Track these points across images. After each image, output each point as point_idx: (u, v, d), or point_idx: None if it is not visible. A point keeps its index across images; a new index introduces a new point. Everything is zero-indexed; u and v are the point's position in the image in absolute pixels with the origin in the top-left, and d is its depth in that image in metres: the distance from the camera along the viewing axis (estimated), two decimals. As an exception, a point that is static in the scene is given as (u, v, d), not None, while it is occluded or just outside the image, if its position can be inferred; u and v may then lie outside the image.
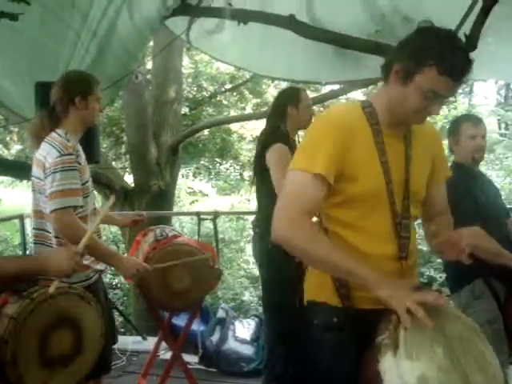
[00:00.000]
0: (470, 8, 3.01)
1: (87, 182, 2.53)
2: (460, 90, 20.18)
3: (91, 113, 2.57)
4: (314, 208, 1.62)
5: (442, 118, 14.86)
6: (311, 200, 1.59)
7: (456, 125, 3.14)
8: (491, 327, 2.61)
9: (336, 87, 5.32)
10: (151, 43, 6.71)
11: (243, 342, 4.16)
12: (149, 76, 7.86)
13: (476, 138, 3.02)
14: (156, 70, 7.37)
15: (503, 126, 18.00)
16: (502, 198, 3.36)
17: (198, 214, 4.56)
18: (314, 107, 3.68)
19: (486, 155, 3.20)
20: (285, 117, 3.26)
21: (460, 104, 15.61)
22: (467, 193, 2.87)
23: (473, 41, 2.81)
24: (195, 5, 3.79)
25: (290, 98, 3.30)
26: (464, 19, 3.02)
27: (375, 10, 3.51)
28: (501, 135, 16.55)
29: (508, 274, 2.69)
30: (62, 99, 2.51)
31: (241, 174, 14.50)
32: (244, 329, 4.29)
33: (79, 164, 2.45)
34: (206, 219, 4.67)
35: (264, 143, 3.23)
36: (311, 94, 5.87)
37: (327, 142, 1.60)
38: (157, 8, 3.59)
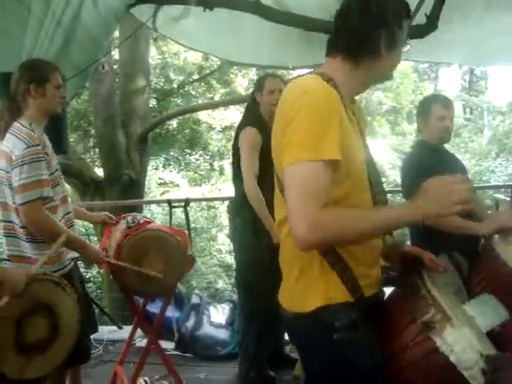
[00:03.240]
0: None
1: (56, 171, 2.51)
2: (426, 76, 20.49)
3: (50, 100, 2.51)
4: (328, 196, 1.42)
5: (408, 103, 15.13)
6: (324, 190, 1.40)
7: (426, 105, 3.17)
8: (446, 283, 2.70)
9: (304, 72, 5.35)
10: (118, 33, 6.65)
11: (218, 326, 4.19)
12: (116, 66, 7.80)
13: (445, 120, 3.08)
14: (123, 60, 7.32)
15: (468, 110, 18.36)
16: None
17: (169, 201, 4.56)
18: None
19: (451, 139, 3.26)
20: (257, 102, 3.44)
21: (426, 90, 15.85)
22: (433, 169, 2.94)
23: (433, 21, 2.86)
24: (160, -9, 3.77)
25: (256, 85, 3.52)
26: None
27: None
28: (466, 120, 16.89)
29: (470, 247, 2.80)
30: (19, 89, 2.48)
31: (211, 164, 14.49)
32: (219, 313, 4.32)
33: (46, 154, 2.43)
34: (178, 207, 4.67)
35: (238, 127, 3.44)
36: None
37: (331, 121, 1.43)
38: (121, -5, 3.57)
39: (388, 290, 1.71)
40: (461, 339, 1.35)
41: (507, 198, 5.31)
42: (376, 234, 1.56)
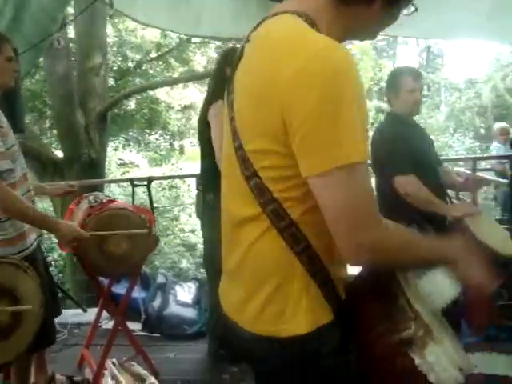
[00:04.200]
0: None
1: (13, 146, 2.40)
2: (384, 54, 20.65)
3: (2, 73, 2.40)
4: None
5: (368, 80, 15.23)
6: (374, 196, 1.18)
7: (396, 78, 3.17)
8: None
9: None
10: (73, 10, 6.43)
11: (185, 305, 4.16)
12: (72, 45, 7.58)
13: (415, 92, 3.10)
14: (79, 36, 7.11)
15: (425, 87, 18.61)
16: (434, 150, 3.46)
17: (131, 180, 4.48)
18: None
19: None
20: (225, 77, 3.27)
21: (385, 67, 16.00)
22: (404, 141, 2.96)
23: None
24: (117, -37, 3.63)
25: (225, 58, 3.34)
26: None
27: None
28: (423, 96, 17.13)
29: (439, 217, 2.83)
30: None
31: (171, 144, 14.40)
32: (185, 292, 4.29)
33: (1, 127, 2.33)
34: (140, 185, 4.60)
35: (206, 102, 3.33)
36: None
37: (363, 109, 1.11)
38: (76, -34, 3.43)
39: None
40: (442, 356, 1.26)
41: (467, 171, 5.41)
42: (421, 264, 1.31)
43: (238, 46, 3.89)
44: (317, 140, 1.06)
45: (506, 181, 5.30)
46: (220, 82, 3.33)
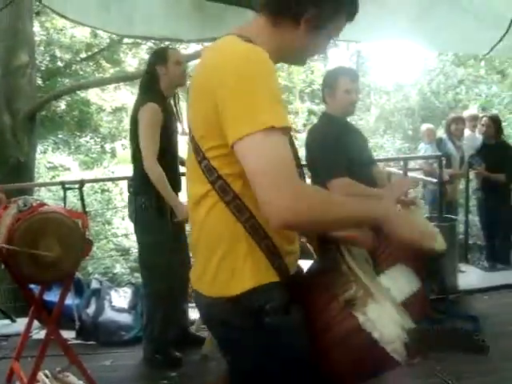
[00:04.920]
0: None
1: None
2: (316, 57, 21.04)
3: None
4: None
5: (300, 82, 15.46)
6: (292, 159, 1.27)
7: (333, 78, 3.18)
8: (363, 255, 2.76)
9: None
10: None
11: (121, 310, 4.05)
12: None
13: (352, 93, 3.13)
14: (3, 32, 6.79)
15: (356, 90, 19.09)
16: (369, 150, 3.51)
17: (62, 183, 4.33)
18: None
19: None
20: (156, 77, 3.27)
21: (315, 69, 16.27)
22: (338, 142, 2.98)
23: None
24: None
25: (157, 58, 3.32)
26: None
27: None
28: (354, 98, 17.56)
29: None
30: None
31: (102, 147, 14.10)
32: (120, 297, 4.18)
33: None
34: (72, 189, 4.46)
35: (136, 104, 3.26)
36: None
37: (275, 86, 1.30)
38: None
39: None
40: (383, 314, 1.34)
41: (399, 171, 5.57)
42: (348, 223, 1.39)
43: (170, 46, 3.84)
44: (236, 111, 1.25)
45: (434, 180, 5.49)
46: (149, 83, 3.30)
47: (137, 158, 3.25)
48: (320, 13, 1.41)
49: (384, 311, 1.34)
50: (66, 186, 4.34)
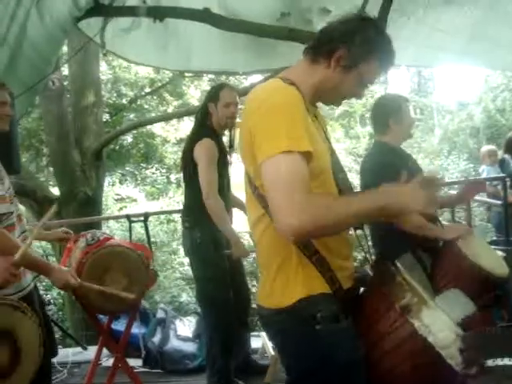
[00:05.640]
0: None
1: (9, 189, 2.44)
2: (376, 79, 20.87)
3: None
4: (309, 185, 1.41)
5: (360, 106, 15.38)
6: (306, 179, 1.40)
7: (397, 105, 3.09)
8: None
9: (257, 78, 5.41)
10: (66, 49, 6.54)
11: (185, 339, 4.14)
12: (66, 83, 7.68)
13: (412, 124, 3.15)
14: (73, 75, 7.23)
15: (418, 111, 18.77)
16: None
17: (128, 216, 4.50)
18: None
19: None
20: (209, 114, 3.34)
21: (376, 93, 16.15)
22: (393, 169, 2.97)
23: (381, 24, 2.91)
24: (108, 4, 3.70)
25: (210, 96, 3.40)
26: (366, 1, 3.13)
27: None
28: (417, 120, 17.27)
29: (431, 243, 2.84)
30: None
31: (167, 177, 14.40)
32: (185, 327, 4.27)
33: None
34: (137, 221, 4.62)
35: (192, 139, 3.34)
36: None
37: (299, 117, 1.45)
38: (68, 9, 3.47)
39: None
40: (437, 320, 1.40)
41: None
42: (356, 220, 1.53)
43: (226, 82, 3.96)
44: (262, 137, 1.44)
45: (499, 202, 5.33)
46: (203, 118, 3.37)
47: (192, 192, 3.31)
48: (349, 52, 1.55)
49: (438, 317, 1.41)
50: (132, 218, 4.50)
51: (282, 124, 1.41)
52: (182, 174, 3.55)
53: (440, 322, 1.40)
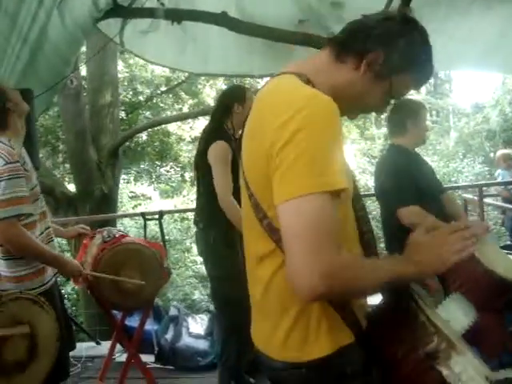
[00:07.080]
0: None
1: (35, 186, 2.50)
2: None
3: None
4: (340, 235, 1.15)
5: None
6: (337, 228, 1.14)
7: (416, 108, 3.17)
8: (433, 300, 2.75)
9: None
10: (84, 48, 6.63)
11: (197, 337, 4.19)
12: (84, 82, 7.78)
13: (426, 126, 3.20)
14: (91, 74, 7.32)
15: (434, 113, 18.68)
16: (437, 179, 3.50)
17: (143, 214, 4.56)
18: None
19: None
20: (230, 114, 3.30)
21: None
22: (407, 172, 3.01)
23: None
24: (127, 6, 3.76)
25: (236, 96, 3.34)
26: (389, 3, 3.13)
27: (302, 1, 3.64)
28: (432, 122, 17.19)
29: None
30: None
31: (182, 176, 14.47)
32: (197, 324, 4.33)
33: (26, 170, 2.41)
34: (152, 219, 4.68)
35: (207, 140, 3.29)
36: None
37: (339, 144, 1.17)
38: (89, 10, 3.54)
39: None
40: (467, 366, 1.27)
41: (475, 198, 5.44)
42: (379, 289, 1.31)
43: (244, 83, 4.00)
44: (287, 168, 1.12)
45: (512, 206, 5.33)
46: (219, 119, 3.34)
47: (206, 193, 3.31)
48: (387, 58, 1.29)
49: (468, 362, 1.27)
50: (146, 216, 4.56)
51: (316, 152, 1.11)
52: (194, 174, 3.55)
53: (470, 367, 1.27)
